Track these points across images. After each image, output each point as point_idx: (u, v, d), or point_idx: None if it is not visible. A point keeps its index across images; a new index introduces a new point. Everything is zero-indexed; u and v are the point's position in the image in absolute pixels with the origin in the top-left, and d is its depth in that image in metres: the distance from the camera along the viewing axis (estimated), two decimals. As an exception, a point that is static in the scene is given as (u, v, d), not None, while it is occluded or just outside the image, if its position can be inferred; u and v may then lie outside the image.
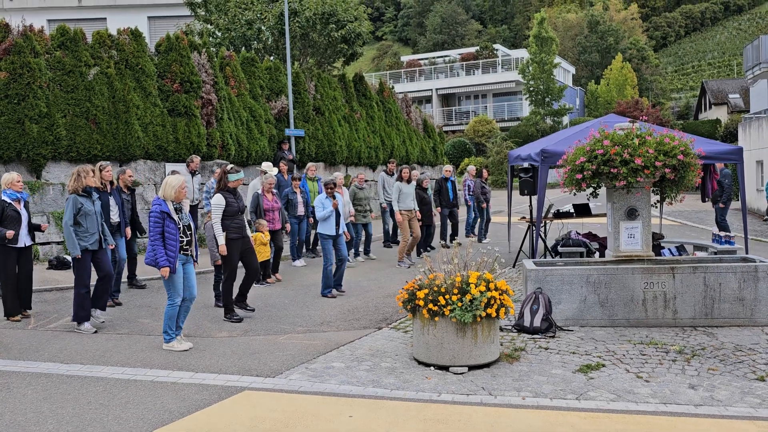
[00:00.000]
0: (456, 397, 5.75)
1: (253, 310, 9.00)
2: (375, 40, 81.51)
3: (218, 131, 16.22)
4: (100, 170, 9.42)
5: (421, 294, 6.44)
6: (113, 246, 8.92)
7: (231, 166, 8.83)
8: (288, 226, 12.11)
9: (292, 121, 18.93)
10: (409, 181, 13.12)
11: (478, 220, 16.65)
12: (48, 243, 12.76)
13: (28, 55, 13.20)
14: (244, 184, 14.60)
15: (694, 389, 5.87)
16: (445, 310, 6.31)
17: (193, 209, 13.33)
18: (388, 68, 62.69)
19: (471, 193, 16.97)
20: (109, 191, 9.59)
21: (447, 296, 6.34)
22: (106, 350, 7.32)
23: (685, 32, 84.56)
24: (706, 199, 13.57)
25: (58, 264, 11.92)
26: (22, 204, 8.74)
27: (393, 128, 24.82)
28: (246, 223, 8.92)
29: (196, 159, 13.42)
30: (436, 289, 6.42)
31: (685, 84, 69.48)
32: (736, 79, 53.96)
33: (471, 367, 6.42)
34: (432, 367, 6.49)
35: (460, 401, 5.65)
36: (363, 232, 13.75)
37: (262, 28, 22.79)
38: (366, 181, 20.52)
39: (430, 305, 6.37)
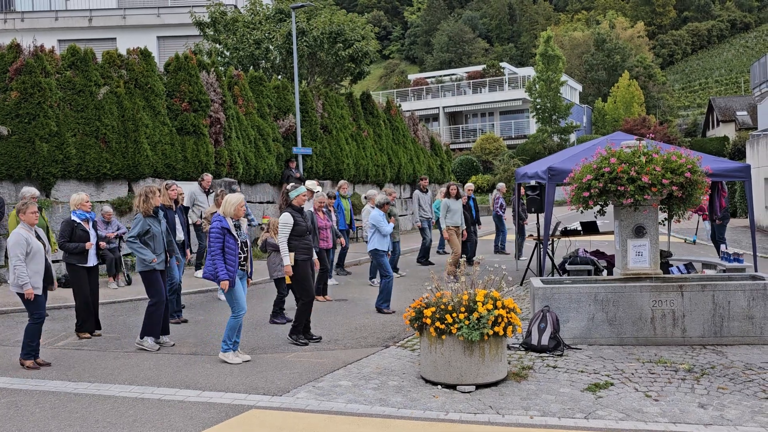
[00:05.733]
0: (463, 416, 5.73)
1: (320, 339, 8.48)
2: (382, 58, 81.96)
3: (226, 149, 16.32)
4: (167, 189, 9.56)
5: (428, 312, 6.43)
6: (180, 262, 9.04)
7: (291, 184, 8.74)
8: (342, 241, 12.38)
9: (299, 139, 19.03)
10: (457, 198, 13.18)
11: (521, 238, 15.70)
12: (56, 261, 12.80)
13: (39, 74, 13.36)
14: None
15: (703, 408, 5.82)
16: (452, 328, 6.29)
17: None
18: (395, 86, 62.97)
19: (502, 209, 16.95)
20: (174, 209, 9.76)
21: (454, 314, 6.33)
22: (114, 368, 7.33)
23: (692, 50, 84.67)
24: (714, 217, 13.50)
25: (66, 282, 11.94)
26: (90, 224, 8.84)
27: (400, 146, 24.90)
28: (312, 245, 8.74)
29: (208, 177, 13.43)
30: (443, 307, 6.42)
31: (693, 101, 69.46)
32: (743, 96, 53.87)
33: (478, 386, 6.39)
34: (439, 386, 6.47)
35: (468, 420, 5.63)
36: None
37: (270, 47, 22.97)
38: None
39: (438, 323, 6.36)
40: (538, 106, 45.52)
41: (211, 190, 13.47)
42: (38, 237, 7.41)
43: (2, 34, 24.00)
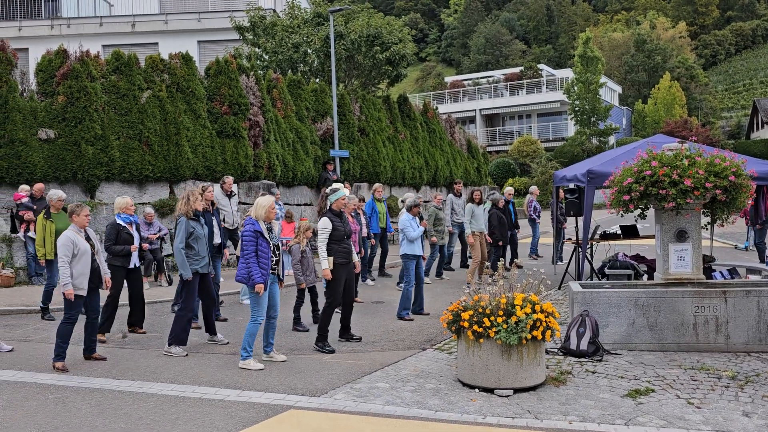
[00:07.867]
0: (501, 419, 5.71)
1: (360, 339, 8.64)
2: (419, 61, 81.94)
3: (265, 152, 16.51)
4: (203, 191, 9.52)
5: (465, 315, 6.43)
6: (213, 275, 9.05)
7: (330, 187, 8.49)
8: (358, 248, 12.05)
9: (337, 142, 19.15)
10: (480, 203, 13.03)
11: (558, 241, 15.45)
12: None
13: (84, 79, 13.70)
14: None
15: (748, 417, 5.71)
16: (490, 331, 6.28)
17: (234, 233, 12.70)
18: (432, 89, 62.92)
19: (536, 213, 16.82)
20: (211, 212, 9.76)
21: (492, 318, 6.32)
22: (156, 367, 7.48)
23: (735, 50, 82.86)
24: (759, 221, 13.23)
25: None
26: (134, 227, 9.12)
27: (437, 148, 24.88)
28: (353, 248, 8.62)
29: (229, 179, 12.94)
30: (480, 310, 6.41)
31: (736, 103, 67.91)
32: (789, 97, 52.57)
33: (516, 390, 6.37)
34: (477, 389, 6.46)
35: (506, 424, 5.61)
36: (438, 254, 13.43)
37: (309, 51, 23.15)
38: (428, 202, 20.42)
39: (475, 327, 6.35)
40: (577, 108, 44.97)
41: (233, 193, 13.05)
42: (88, 238, 7.62)
43: (50, 39, 24.61)
